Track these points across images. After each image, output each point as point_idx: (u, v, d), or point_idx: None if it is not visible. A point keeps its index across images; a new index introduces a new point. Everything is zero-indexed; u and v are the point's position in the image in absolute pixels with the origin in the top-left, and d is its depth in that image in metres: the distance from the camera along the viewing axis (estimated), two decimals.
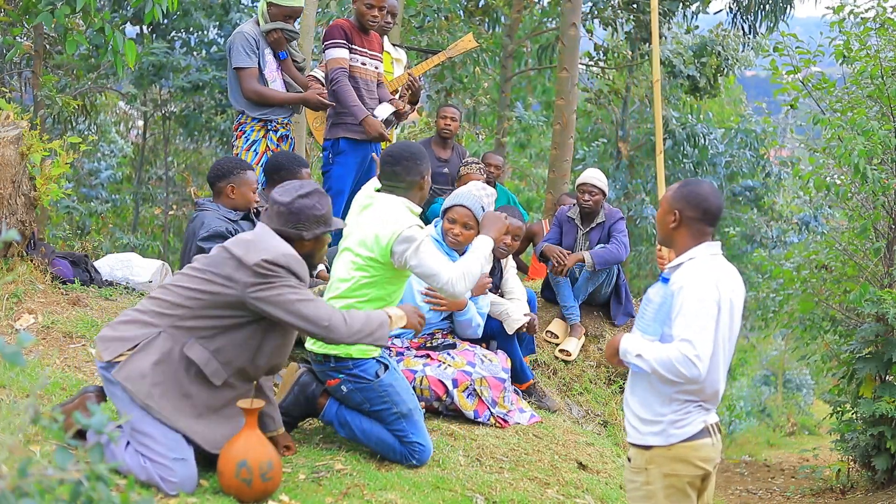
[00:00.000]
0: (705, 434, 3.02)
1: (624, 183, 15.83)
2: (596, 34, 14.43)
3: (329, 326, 3.20)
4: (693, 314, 2.92)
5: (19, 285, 4.94)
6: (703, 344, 2.89)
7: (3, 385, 3.74)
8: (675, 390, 2.98)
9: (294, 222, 3.29)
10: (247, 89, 5.31)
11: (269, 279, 3.13)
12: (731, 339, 3.05)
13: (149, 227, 16.71)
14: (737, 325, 3.07)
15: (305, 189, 3.33)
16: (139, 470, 3.11)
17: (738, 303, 3.05)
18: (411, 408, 3.81)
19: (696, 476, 3.04)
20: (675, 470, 3.02)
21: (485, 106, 15.05)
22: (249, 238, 3.28)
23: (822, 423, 11.47)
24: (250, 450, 3.12)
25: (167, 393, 3.14)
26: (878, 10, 7.33)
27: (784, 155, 17.13)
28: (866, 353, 6.88)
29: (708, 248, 3.06)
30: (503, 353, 4.92)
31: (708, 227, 3.08)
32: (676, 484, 3.02)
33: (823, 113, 7.49)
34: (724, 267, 3.07)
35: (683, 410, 3.01)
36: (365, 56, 5.58)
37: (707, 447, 3.02)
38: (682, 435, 3.01)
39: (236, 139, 5.47)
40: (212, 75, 12.45)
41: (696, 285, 2.96)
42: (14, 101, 7.49)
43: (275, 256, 3.16)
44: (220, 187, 4.55)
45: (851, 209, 7.71)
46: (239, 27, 5.47)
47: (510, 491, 3.79)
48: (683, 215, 3.08)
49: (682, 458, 3.01)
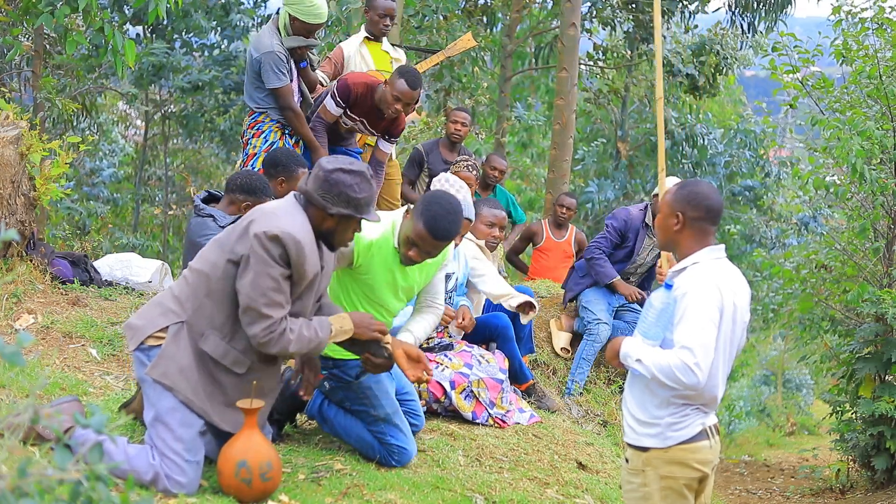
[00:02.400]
0: (703, 437, 3.00)
1: (623, 183, 15.83)
2: (595, 34, 14.44)
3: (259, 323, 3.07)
4: (695, 321, 2.90)
5: (19, 285, 4.94)
6: (703, 352, 2.87)
7: (3, 385, 3.74)
8: (672, 394, 2.96)
9: (325, 190, 3.14)
10: (284, 106, 5.28)
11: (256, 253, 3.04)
12: (732, 343, 3.02)
13: (148, 226, 16.71)
14: (740, 330, 3.05)
15: (354, 167, 3.18)
16: (145, 466, 3.09)
17: (741, 306, 3.02)
18: (389, 412, 3.79)
19: (693, 478, 3.02)
20: (672, 472, 3.00)
21: (484, 106, 15.04)
22: (269, 209, 3.17)
23: (822, 423, 11.48)
24: (250, 450, 3.12)
25: (200, 384, 3.15)
26: (877, 9, 7.32)
27: (783, 155, 17.12)
28: (866, 353, 6.88)
29: (711, 252, 3.03)
30: (501, 354, 4.93)
31: (711, 226, 3.05)
32: (673, 486, 3.01)
33: (823, 113, 7.49)
34: (727, 270, 3.03)
35: (681, 413, 2.99)
36: (351, 120, 5.46)
37: (705, 450, 3.01)
38: (680, 437, 2.99)
39: (253, 137, 5.42)
40: (212, 75, 12.45)
41: (698, 291, 2.93)
42: (14, 101, 7.49)
43: (278, 232, 3.03)
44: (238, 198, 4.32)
45: (851, 209, 7.71)
46: (265, 41, 5.23)
47: (510, 491, 3.79)
48: (686, 216, 3.04)
49: (679, 461, 3.00)
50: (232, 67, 13.37)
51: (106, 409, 3.55)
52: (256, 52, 5.24)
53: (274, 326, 3.06)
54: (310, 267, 3.14)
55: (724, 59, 13.29)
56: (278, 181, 4.66)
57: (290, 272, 3.09)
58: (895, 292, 6.49)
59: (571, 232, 7.71)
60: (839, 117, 7.13)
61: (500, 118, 13.90)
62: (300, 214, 3.17)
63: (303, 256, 3.09)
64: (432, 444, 4.12)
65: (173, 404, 3.14)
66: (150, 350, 3.19)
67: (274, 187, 4.70)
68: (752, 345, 23.03)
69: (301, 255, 3.08)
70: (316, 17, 5.28)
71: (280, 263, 3.05)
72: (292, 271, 3.09)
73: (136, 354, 3.22)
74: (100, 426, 1.77)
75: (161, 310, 3.22)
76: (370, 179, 3.23)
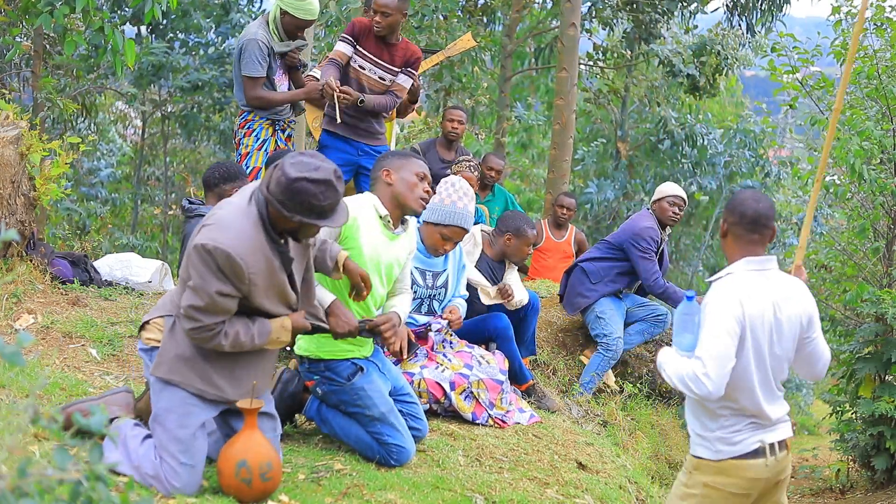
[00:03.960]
0: (759, 454, 3.02)
1: (623, 183, 15.82)
2: (595, 34, 14.44)
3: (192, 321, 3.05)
4: (709, 332, 2.94)
5: (19, 285, 4.94)
6: (715, 363, 2.90)
7: (3, 385, 3.74)
8: (718, 405, 3.02)
9: (287, 198, 3.01)
10: (251, 96, 5.30)
11: (194, 264, 3.01)
12: (770, 356, 3.03)
13: (147, 226, 16.70)
14: (782, 342, 3.05)
15: (319, 174, 3.02)
16: (149, 465, 3.10)
17: (783, 318, 3.03)
18: (384, 411, 3.78)
19: (739, 492, 3.04)
20: (716, 482, 3.04)
21: (484, 106, 15.04)
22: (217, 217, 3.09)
23: (822, 423, 11.47)
24: (250, 450, 3.11)
25: (206, 368, 3.15)
26: (876, 9, 7.32)
27: (783, 155, 17.11)
28: (866, 353, 6.88)
29: (748, 264, 3.05)
30: (501, 355, 4.92)
31: (748, 233, 3.06)
32: (713, 495, 3.05)
33: (822, 113, 7.49)
34: (761, 283, 3.04)
35: (732, 427, 3.03)
36: (367, 61, 5.44)
37: (758, 467, 3.02)
38: (732, 452, 3.02)
39: (245, 137, 5.43)
40: (210, 75, 12.45)
41: (716, 303, 2.98)
42: (14, 101, 7.49)
43: (211, 246, 2.96)
44: (224, 190, 4.51)
45: (850, 209, 7.71)
46: (252, 30, 5.31)
47: (510, 491, 3.78)
48: (727, 223, 3.12)
49: (728, 473, 3.03)
50: (227, 65, 13.37)
51: None
52: (241, 41, 5.28)
53: (204, 331, 3.04)
54: (254, 273, 3.04)
55: (724, 59, 13.29)
56: None
57: (227, 284, 3.01)
58: (895, 292, 6.49)
59: (571, 232, 7.71)
60: (839, 117, 7.12)
61: (500, 118, 13.90)
62: (248, 218, 3.07)
63: (238, 268, 2.99)
64: (432, 444, 4.12)
65: (169, 404, 3.14)
66: (152, 352, 3.22)
67: None
68: None
69: (235, 267, 2.98)
70: (307, 12, 5.25)
71: (216, 276, 2.99)
72: (232, 281, 3.02)
73: (142, 355, 3.26)
74: (99, 426, 1.76)
75: (160, 303, 3.32)
76: (336, 185, 3.08)
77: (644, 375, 6.33)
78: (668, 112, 15.14)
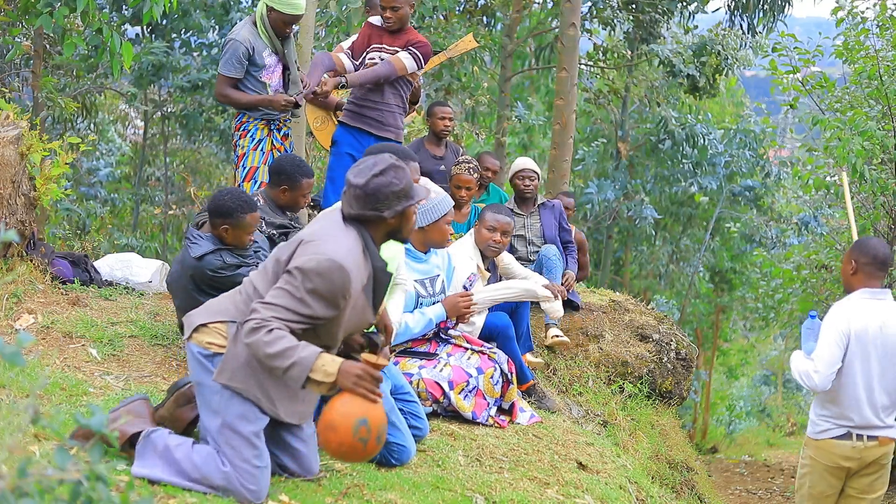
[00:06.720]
0: (847, 437, 4.08)
1: (623, 183, 15.81)
2: (595, 34, 14.43)
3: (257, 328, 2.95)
4: (821, 340, 4.01)
5: (19, 285, 4.94)
6: (823, 363, 3.98)
7: (3, 385, 3.74)
8: (827, 397, 4.09)
9: (373, 203, 3.08)
10: (217, 93, 5.33)
11: (294, 280, 2.97)
12: (875, 369, 4.00)
13: (147, 227, 16.69)
14: (888, 355, 4.01)
15: (379, 166, 3.10)
16: (217, 474, 3.04)
17: (876, 333, 3.98)
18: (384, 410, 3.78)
19: (833, 466, 4.10)
20: (815, 455, 4.16)
21: (484, 106, 15.01)
22: (308, 235, 3.08)
23: None
24: (371, 409, 2.89)
25: (265, 380, 3.09)
26: (878, 10, 7.32)
27: (784, 155, 17.11)
28: None
29: (864, 293, 4.04)
30: (503, 354, 4.92)
31: (877, 271, 4.03)
32: (816, 467, 4.16)
33: (823, 113, 7.49)
34: (869, 306, 4.00)
35: (829, 415, 4.10)
36: (374, 52, 5.55)
37: (845, 448, 4.08)
38: (827, 434, 4.12)
39: (240, 138, 5.43)
40: (211, 75, 12.44)
41: (829, 318, 4.04)
42: (14, 101, 7.49)
43: (314, 264, 2.95)
44: (217, 223, 4.27)
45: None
46: (236, 29, 5.34)
47: (510, 491, 3.78)
48: (859, 262, 4.05)
49: (822, 449, 4.13)
50: None
51: (106, 409, 3.54)
52: (225, 39, 5.30)
53: (262, 322, 2.93)
54: (356, 288, 3.07)
55: (724, 59, 13.28)
56: (281, 189, 4.68)
57: (330, 308, 3.00)
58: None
59: None
60: (840, 117, 7.12)
61: (501, 118, 13.88)
62: (341, 239, 3.08)
63: (346, 282, 2.99)
64: (432, 444, 4.11)
65: (243, 410, 3.09)
66: (214, 357, 3.13)
67: (276, 195, 4.71)
68: (752, 345, 23.04)
69: (343, 281, 2.98)
70: (292, 7, 5.21)
71: (308, 298, 2.96)
72: (336, 302, 3.00)
73: (198, 358, 3.15)
74: (100, 426, 1.76)
75: (219, 307, 3.20)
76: (398, 164, 3.14)
77: (644, 375, 6.33)
78: (668, 112, 15.11)
